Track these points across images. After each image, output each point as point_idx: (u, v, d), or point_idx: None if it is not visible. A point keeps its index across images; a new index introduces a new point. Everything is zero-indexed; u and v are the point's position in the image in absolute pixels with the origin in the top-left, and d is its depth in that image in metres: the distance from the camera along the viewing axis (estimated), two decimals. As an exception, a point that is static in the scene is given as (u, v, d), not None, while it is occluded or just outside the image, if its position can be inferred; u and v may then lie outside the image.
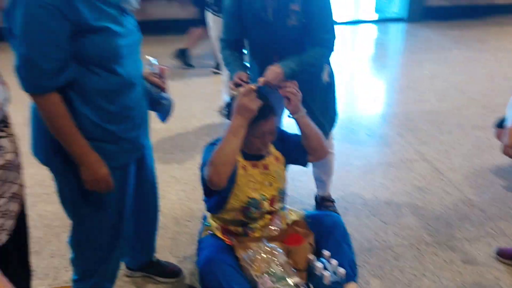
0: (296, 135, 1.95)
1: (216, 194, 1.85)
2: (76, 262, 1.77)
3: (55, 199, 2.64)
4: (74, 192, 1.58)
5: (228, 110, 1.81)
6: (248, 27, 2.09)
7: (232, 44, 2.14)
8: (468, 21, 6.75)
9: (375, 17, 7.06)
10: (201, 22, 4.18)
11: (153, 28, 4.69)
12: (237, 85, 1.87)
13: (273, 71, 1.88)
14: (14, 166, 1.22)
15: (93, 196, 1.58)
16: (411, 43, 6.10)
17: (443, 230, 2.45)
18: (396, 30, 6.81)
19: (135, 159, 1.71)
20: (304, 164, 1.98)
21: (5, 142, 1.18)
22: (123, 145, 1.59)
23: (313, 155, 1.93)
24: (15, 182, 1.24)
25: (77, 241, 1.73)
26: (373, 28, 6.81)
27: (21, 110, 1.92)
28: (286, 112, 1.94)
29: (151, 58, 1.78)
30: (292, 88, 1.81)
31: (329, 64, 2.21)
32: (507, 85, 4.20)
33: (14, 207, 1.26)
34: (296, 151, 1.93)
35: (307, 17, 1.98)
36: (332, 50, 2.06)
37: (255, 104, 1.69)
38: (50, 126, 1.40)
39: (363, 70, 5.09)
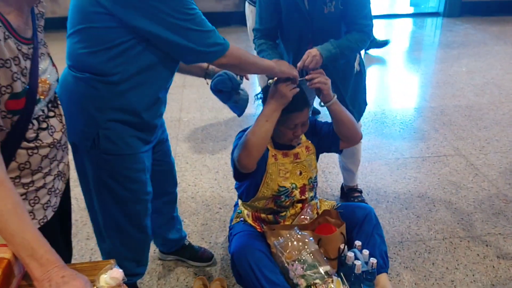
0: (326, 123, 1.95)
1: (245, 178, 1.87)
2: (102, 246, 1.80)
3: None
4: (99, 173, 1.59)
5: (264, 95, 1.83)
6: (284, 16, 2.10)
7: (265, 33, 2.14)
8: (508, 17, 6.54)
9: (410, 10, 6.93)
10: None
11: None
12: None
13: (311, 54, 1.87)
14: (61, 145, 1.27)
15: (118, 177, 1.60)
16: (448, 38, 5.96)
17: (477, 225, 2.41)
18: (432, 25, 6.66)
19: (150, 147, 1.71)
20: (337, 151, 1.98)
21: (54, 121, 1.23)
22: (151, 130, 1.63)
23: (346, 141, 1.92)
24: (61, 161, 1.29)
25: (100, 225, 1.73)
26: (409, 22, 6.69)
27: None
28: (318, 101, 1.94)
29: None
30: (321, 77, 1.79)
31: (359, 53, 2.20)
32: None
33: (59, 185, 1.30)
34: (328, 139, 1.93)
35: (344, 3, 1.96)
36: (370, 36, 2.04)
37: (291, 91, 1.70)
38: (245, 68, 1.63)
39: (399, 64, 5.01)
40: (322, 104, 1.85)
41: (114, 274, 0.92)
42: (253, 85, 4.15)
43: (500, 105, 3.85)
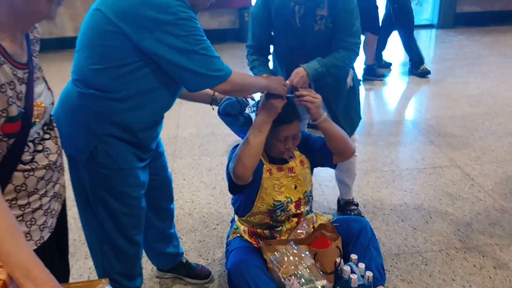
0: (320, 138, 1.97)
1: (239, 191, 1.90)
2: (95, 259, 1.81)
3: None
4: (95, 186, 1.61)
5: (256, 107, 1.87)
6: (276, 33, 2.14)
7: (258, 49, 2.19)
8: (501, 27, 6.62)
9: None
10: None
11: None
12: None
13: (298, 74, 1.93)
14: (57, 167, 1.29)
15: (114, 191, 1.63)
16: (442, 49, 6.02)
17: (473, 236, 2.42)
18: (427, 37, 6.74)
19: (146, 164, 1.74)
20: (331, 165, 2.00)
21: (50, 143, 1.25)
22: (148, 146, 1.67)
23: (339, 156, 1.94)
24: (57, 182, 1.31)
25: (94, 238, 1.75)
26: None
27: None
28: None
29: None
30: (308, 96, 1.82)
31: (353, 68, 2.24)
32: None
33: (56, 206, 1.32)
34: (321, 153, 1.95)
35: (333, 21, 2.01)
36: (357, 54, 2.08)
37: (280, 103, 1.75)
38: (246, 91, 1.70)
39: (394, 77, 5.06)
40: (311, 122, 1.88)
41: (105, 293, 0.93)
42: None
43: (495, 115, 3.88)
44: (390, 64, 5.20)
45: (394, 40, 5.36)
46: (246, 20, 6.21)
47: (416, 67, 4.94)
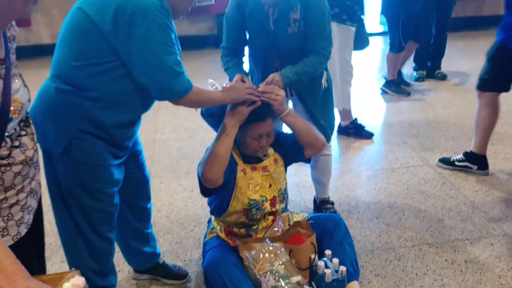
0: (292, 134, 2.02)
1: (211, 193, 1.92)
2: (68, 255, 1.83)
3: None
4: (69, 181, 1.63)
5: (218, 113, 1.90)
6: (251, 35, 2.19)
7: (232, 51, 2.23)
8: (471, 32, 6.80)
9: (380, 29, 7.13)
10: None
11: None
12: None
13: (275, 80, 1.99)
14: (33, 163, 1.31)
15: (88, 187, 1.65)
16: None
17: (445, 231, 2.48)
18: (401, 42, 6.86)
19: (122, 161, 1.77)
20: (304, 160, 2.04)
21: (26, 139, 1.27)
22: (124, 144, 1.70)
23: (309, 148, 1.98)
24: (34, 179, 1.32)
25: (66, 234, 1.76)
26: (379, 40, 6.88)
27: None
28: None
29: (212, 80, 1.89)
30: (271, 94, 1.86)
31: (326, 70, 2.29)
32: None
33: (32, 202, 1.33)
34: (293, 149, 1.99)
35: (305, 24, 2.06)
36: (328, 57, 2.14)
37: (247, 108, 1.78)
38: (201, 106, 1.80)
39: (369, 80, 5.14)
40: (276, 116, 1.92)
41: (76, 281, 0.95)
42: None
43: (467, 116, 3.98)
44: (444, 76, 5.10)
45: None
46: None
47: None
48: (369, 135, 3.67)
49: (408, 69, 5.14)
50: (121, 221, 1.90)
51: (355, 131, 3.69)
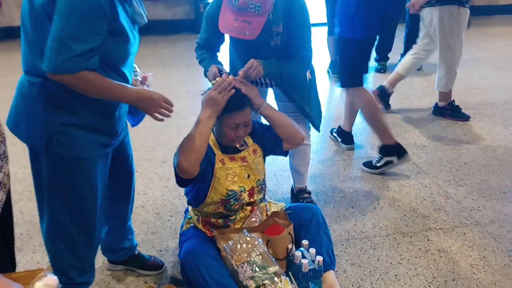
0: (271, 126, 2.00)
1: (187, 184, 1.89)
2: (49, 250, 1.78)
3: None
4: (52, 177, 1.60)
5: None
6: (233, 43, 2.17)
7: (207, 48, 2.19)
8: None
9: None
10: None
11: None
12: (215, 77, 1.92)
13: (254, 64, 1.94)
14: (0, 156, 1.25)
15: (71, 182, 1.60)
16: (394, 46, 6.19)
17: (419, 220, 2.52)
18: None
19: (109, 151, 1.73)
20: (282, 153, 2.03)
21: None
22: (107, 135, 1.64)
23: (288, 142, 1.98)
24: (1, 171, 1.27)
25: (49, 229, 1.72)
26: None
27: None
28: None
29: (134, 65, 1.83)
30: (245, 88, 1.85)
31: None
32: (486, 83, 4.32)
33: (0, 195, 1.28)
34: (271, 141, 1.98)
35: (287, 36, 2.06)
36: (309, 66, 2.17)
37: (223, 98, 1.76)
38: (91, 93, 1.47)
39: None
40: (255, 111, 1.91)
41: (48, 281, 0.92)
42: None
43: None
44: None
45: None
46: (202, 11, 6.13)
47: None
48: (466, 117, 3.77)
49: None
50: (102, 214, 1.86)
51: (451, 112, 3.79)
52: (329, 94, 4.62)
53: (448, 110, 3.80)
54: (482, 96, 4.15)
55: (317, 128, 2.40)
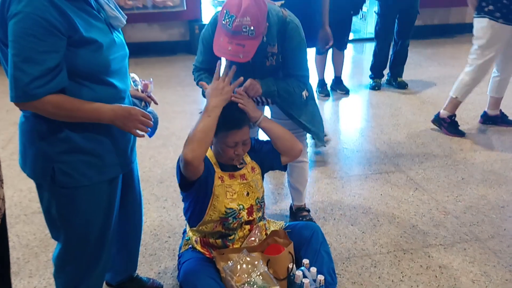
0: (268, 141, 2.01)
1: (190, 187, 1.85)
2: (58, 277, 1.76)
3: (33, 220, 2.64)
4: (61, 208, 1.58)
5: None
6: (229, 64, 2.18)
7: (204, 70, 2.20)
8: (440, 39, 6.97)
9: (351, 36, 7.23)
10: None
11: (133, 51, 4.73)
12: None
13: (253, 84, 1.97)
14: None
15: (80, 211, 1.59)
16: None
17: (419, 237, 2.51)
18: (371, 49, 6.96)
19: (121, 173, 1.71)
20: (280, 167, 2.03)
21: None
22: (111, 159, 1.61)
23: (286, 155, 1.98)
24: None
25: (61, 257, 1.71)
26: (349, 47, 6.96)
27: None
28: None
29: (133, 75, 1.83)
30: (243, 101, 1.87)
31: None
32: (479, 98, 4.35)
33: None
34: (269, 156, 1.98)
35: (283, 56, 2.08)
36: (306, 85, 2.18)
37: (231, 86, 1.79)
38: (63, 117, 1.43)
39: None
40: (251, 124, 1.92)
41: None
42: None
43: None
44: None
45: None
46: (197, 33, 6.18)
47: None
48: (461, 134, 3.80)
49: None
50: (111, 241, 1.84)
51: (448, 126, 3.82)
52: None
53: (446, 123, 3.82)
54: (478, 111, 4.17)
55: (322, 141, 2.40)
